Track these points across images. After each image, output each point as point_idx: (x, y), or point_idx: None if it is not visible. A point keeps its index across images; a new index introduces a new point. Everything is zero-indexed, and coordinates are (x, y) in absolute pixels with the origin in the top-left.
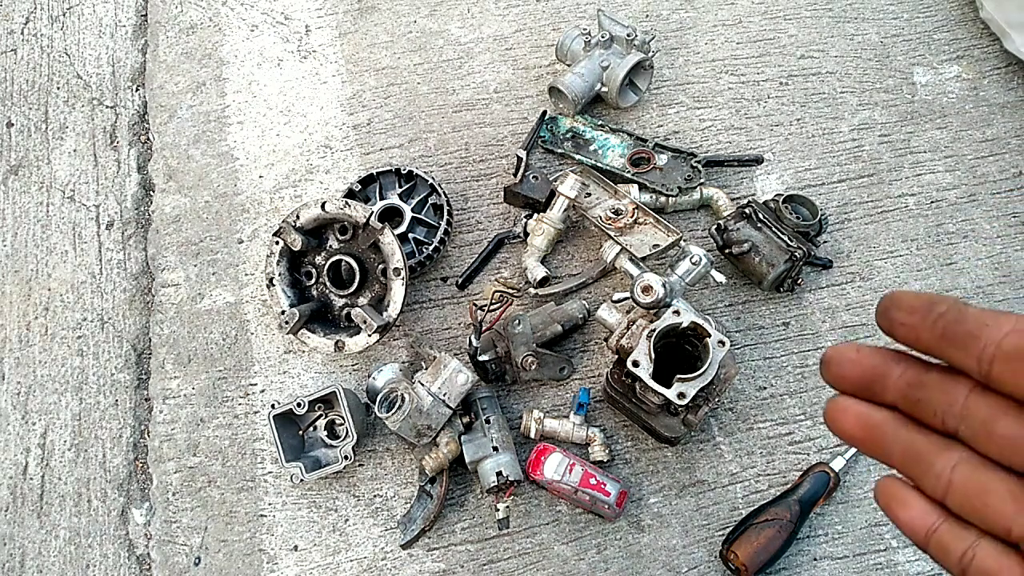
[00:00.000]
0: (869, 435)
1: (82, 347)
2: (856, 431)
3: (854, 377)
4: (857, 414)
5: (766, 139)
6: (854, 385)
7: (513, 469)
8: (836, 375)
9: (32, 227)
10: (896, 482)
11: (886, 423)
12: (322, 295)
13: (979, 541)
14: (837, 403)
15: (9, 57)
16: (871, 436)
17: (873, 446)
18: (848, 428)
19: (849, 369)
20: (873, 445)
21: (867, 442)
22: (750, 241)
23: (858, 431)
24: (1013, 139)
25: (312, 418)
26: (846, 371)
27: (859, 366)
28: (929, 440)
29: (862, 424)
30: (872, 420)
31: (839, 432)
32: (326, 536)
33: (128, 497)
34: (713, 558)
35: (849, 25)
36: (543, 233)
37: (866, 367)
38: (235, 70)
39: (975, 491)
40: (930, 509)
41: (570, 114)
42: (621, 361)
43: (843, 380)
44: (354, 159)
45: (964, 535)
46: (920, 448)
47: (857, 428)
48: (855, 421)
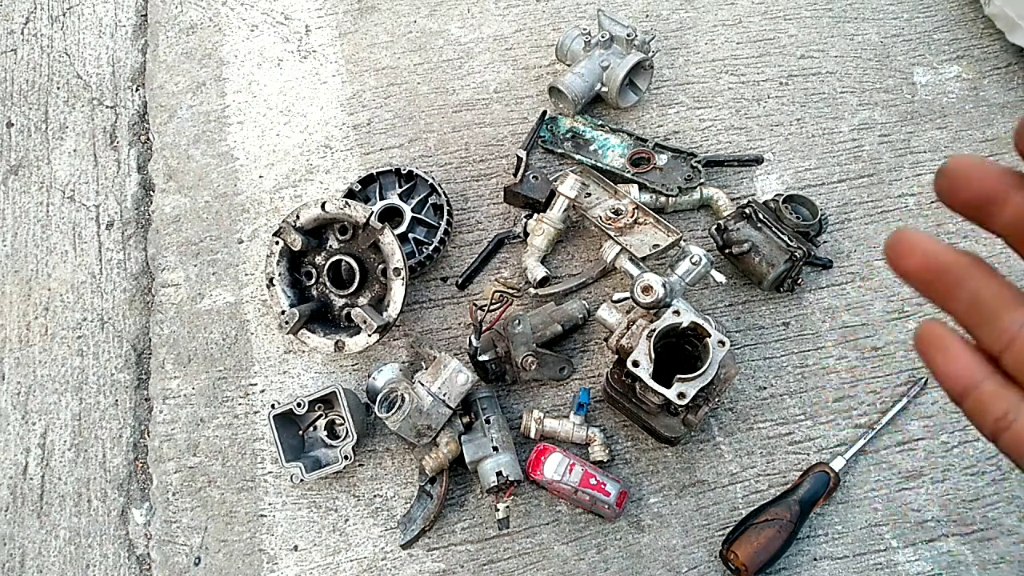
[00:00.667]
0: (937, 276)
1: (82, 347)
2: (921, 269)
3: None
4: (925, 251)
5: (766, 139)
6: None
7: (513, 469)
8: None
9: (32, 227)
10: (942, 327)
11: (958, 265)
12: (322, 295)
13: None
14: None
15: (9, 57)
16: (937, 278)
17: (938, 289)
18: (912, 266)
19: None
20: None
21: (932, 284)
22: (750, 241)
23: (924, 270)
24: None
25: (312, 418)
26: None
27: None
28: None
29: (928, 264)
30: (943, 259)
31: (900, 269)
32: (326, 536)
33: (128, 497)
34: (713, 558)
35: (849, 25)
36: (543, 233)
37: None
38: (235, 70)
39: None
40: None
41: (570, 114)
42: (621, 361)
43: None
44: (354, 159)
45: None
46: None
47: (922, 268)
48: (921, 260)
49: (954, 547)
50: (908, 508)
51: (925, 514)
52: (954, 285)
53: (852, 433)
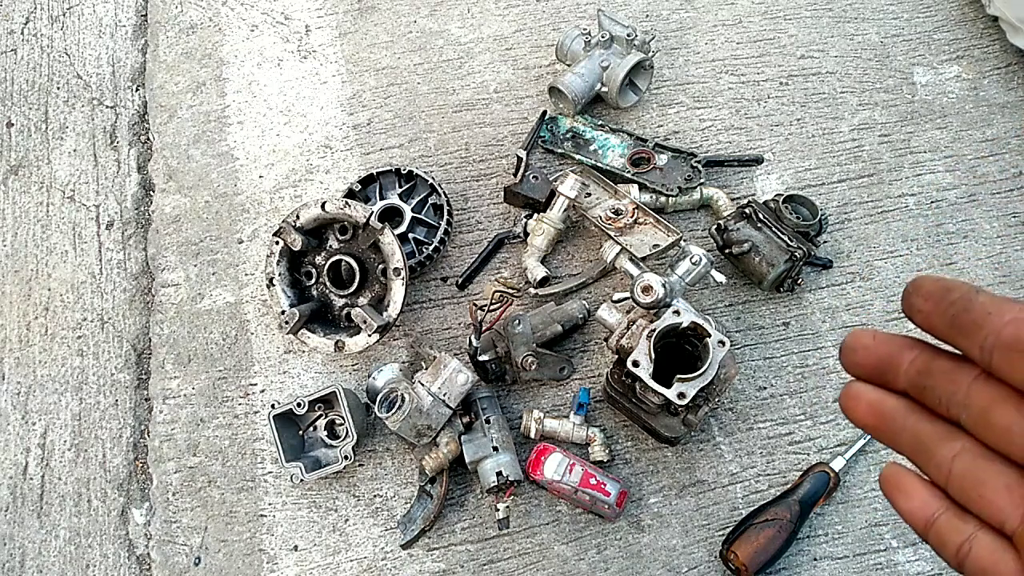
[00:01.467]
0: (880, 422)
1: (82, 347)
2: (868, 418)
3: (868, 364)
4: (869, 401)
5: (766, 139)
6: (868, 371)
7: (513, 469)
8: (851, 361)
9: (32, 227)
10: (900, 470)
11: (896, 411)
12: (322, 295)
13: (976, 534)
14: (851, 390)
15: (9, 57)
16: (882, 423)
17: (883, 433)
18: (860, 415)
19: (863, 356)
20: (883, 432)
21: (878, 429)
22: (750, 241)
23: (869, 418)
24: (1013, 139)
25: (312, 418)
26: (860, 358)
27: (873, 353)
28: (935, 428)
29: (873, 411)
30: (883, 407)
31: (852, 418)
32: (326, 536)
33: (128, 497)
34: (713, 558)
35: (849, 25)
36: (543, 233)
37: (880, 354)
38: (235, 70)
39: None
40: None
41: (570, 114)
42: (621, 361)
43: (858, 367)
44: (354, 159)
45: (962, 527)
46: (925, 436)
47: (869, 415)
48: (867, 408)
49: None
50: None
51: None
52: (896, 429)
53: (852, 433)
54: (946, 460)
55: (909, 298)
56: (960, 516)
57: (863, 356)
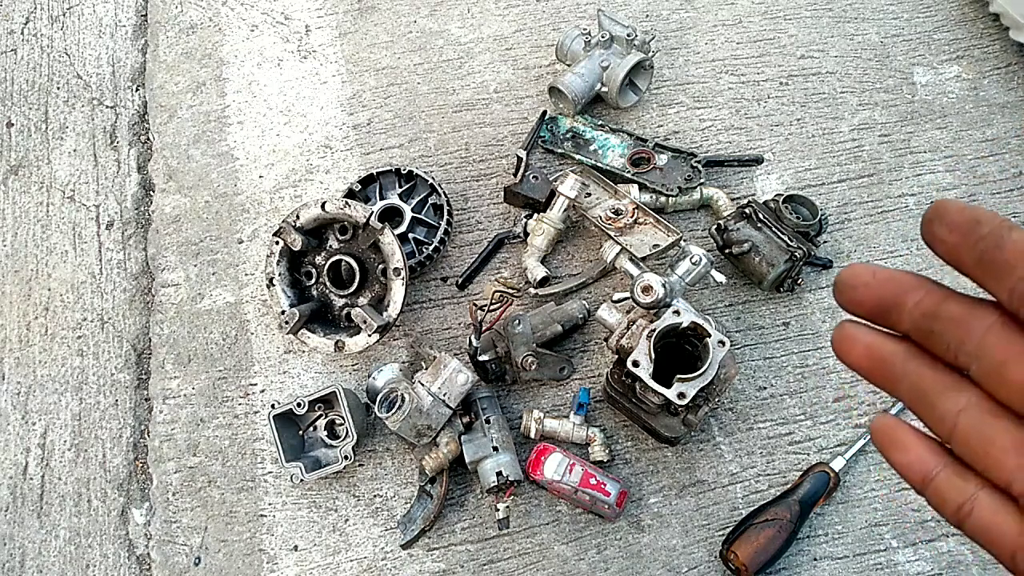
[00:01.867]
0: (877, 367)
1: (82, 347)
2: (863, 361)
3: (868, 302)
4: (866, 344)
5: (766, 139)
6: (867, 311)
7: (513, 469)
8: (849, 299)
9: (32, 227)
10: (893, 421)
11: (895, 355)
12: (322, 295)
13: (978, 493)
14: (845, 330)
15: (9, 57)
16: (879, 368)
17: (881, 378)
18: (855, 358)
19: (863, 293)
20: (881, 377)
21: (875, 373)
22: (750, 241)
23: (865, 362)
24: (1013, 139)
25: (312, 418)
26: (860, 295)
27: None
28: (939, 377)
29: (870, 355)
30: (881, 351)
31: (845, 361)
32: (326, 536)
33: (128, 497)
34: (713, 558)
35: (849, 25)
36: (543, 233)
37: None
38: (235, 70)
39: (979, 439)
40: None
41: (570, 114)
42: (621, 361)
43: (856, 305)
44: (354, 159)
45: (963, 485)
46: (928, 385)
47: (865, 358)
48: (863, 351)
49: (954, 547)
50: (908, 508)
51: (925, 514)
52: (895, 375)
53: (852, 433)
54: (950, 413)
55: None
56: (961, 473)
57: (863, 293)
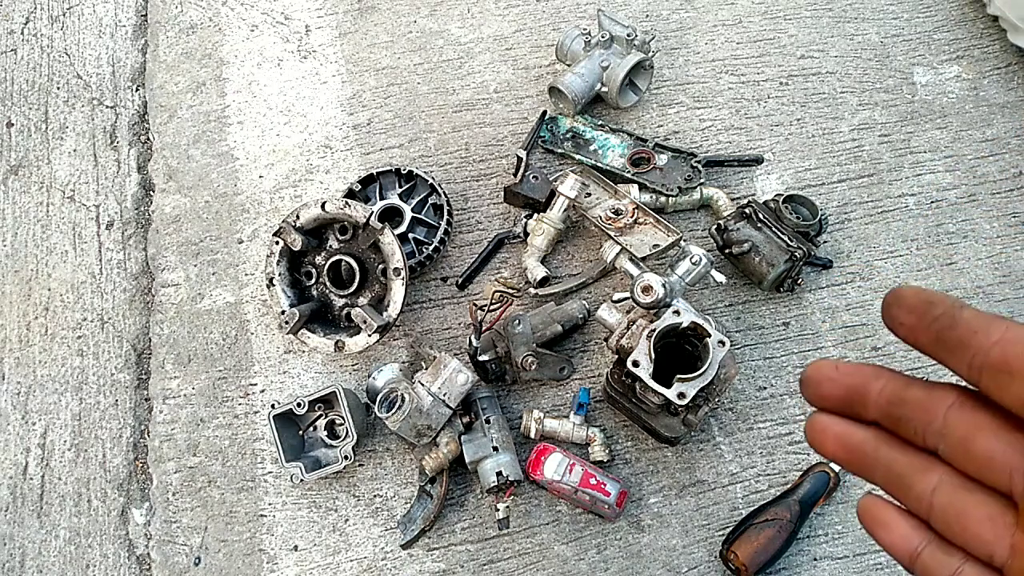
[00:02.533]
0: (850, 455)
1: (82, 347)
2: (837, 451)
3: (834, 396)
4: (837, 434)
5: (766, 139)
6: (834, 404)
7: (513, 469)
8: (816, 394)
9: (32, 227)
10: (878, 502)
11: (866, 443)
12: (322, 295)
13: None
14: (816, 422)
15: (9, 57)
16: (852, 457)
17: (855, 466)
18: (829, 448)
19: (828, 388)
20: (855, 465)
21: (849, 462)
22: (750, 241)
23: (839, 451)
24: (1013, 139)
25: (312, 418)
26: (825, 390)
27: (839, 385)
28: (910, 460)
29: (842, 445)
30: (852, 440)
31: (820, 452)
32: (326, 536)
33: (128, 497)
34: (713, 558)
35: (849, 25)
36: (543, 233)
37: (846, 385)
38: (235, 70)
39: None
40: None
41: (570, 114)
42: (621, 361)
43: (823, 400)
44: (354, 159)
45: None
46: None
47: (838, 448)
48: (835, 441)
49: None
50: None
51: None
52: (868, 462)
53: None
54: (925, 493)
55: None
56: (945, 548)
57: (828, 388)
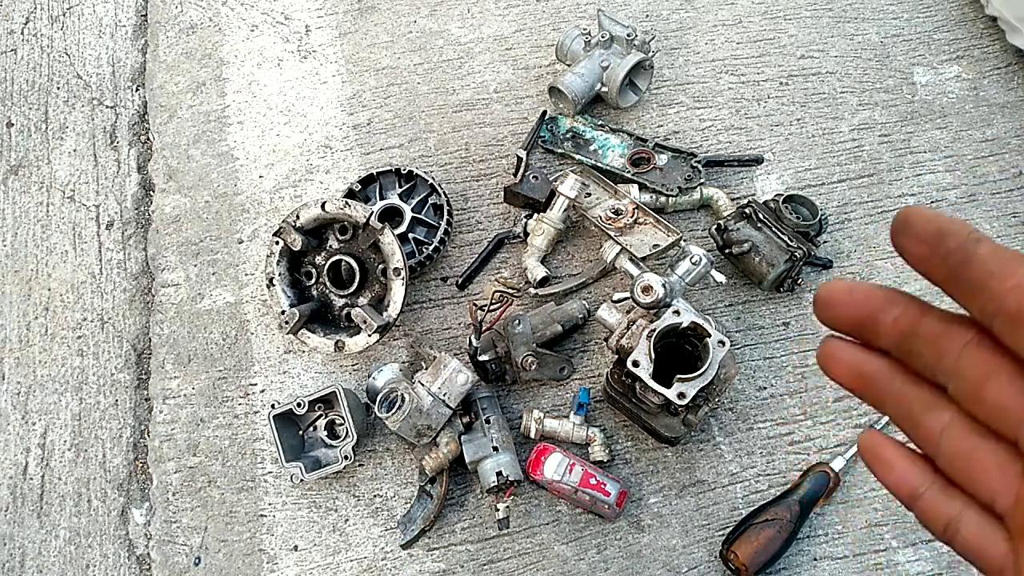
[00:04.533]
0: (861, 384)
1: (82, 347)
2: (847, 379)
3: (846, 319)
4: (848, 362)
5: (766, 139)
6: (846, 327)
7: (513, 469)
8: (828, 316)
9: (32, 227)
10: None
11: (879, 372)
12: (322, 295)
13: (964, 511)
14: (829, 347)
15: (9, 57)
16: (863, 385)
17: (866, 395)
18: (840, 375)
19: (840, 311)
20: (866, 394)
21: (860, 390)
22: (750, 241)
23: (849, 379)
24: (1013, 139)
25: (312, 418)
26: (837, 313)
27: (851, 308)
28: (921, 395)
29: (854, 373)
30: (864, 368)
31: (832, 377)
32: (326, 536)
33: (128, 497)
34: (713, 558)
35: (849, 25)
36: (543, 233)
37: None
38: (235, 70)
39: (962, 457)
40: (915, 471)
41: (570, 114)
42: (621, 361)
43: (835, 322)
44: (354, 159)
45: (949, 503)
46: (911, 403)
47: (848, 376)
48: (846, 369)
49: None
50: None
51: None
52: (880, 392)
53: (852, 433)
54: (934, 431)
55: (899, 236)
56: (947, 491)
57: (840, 311)
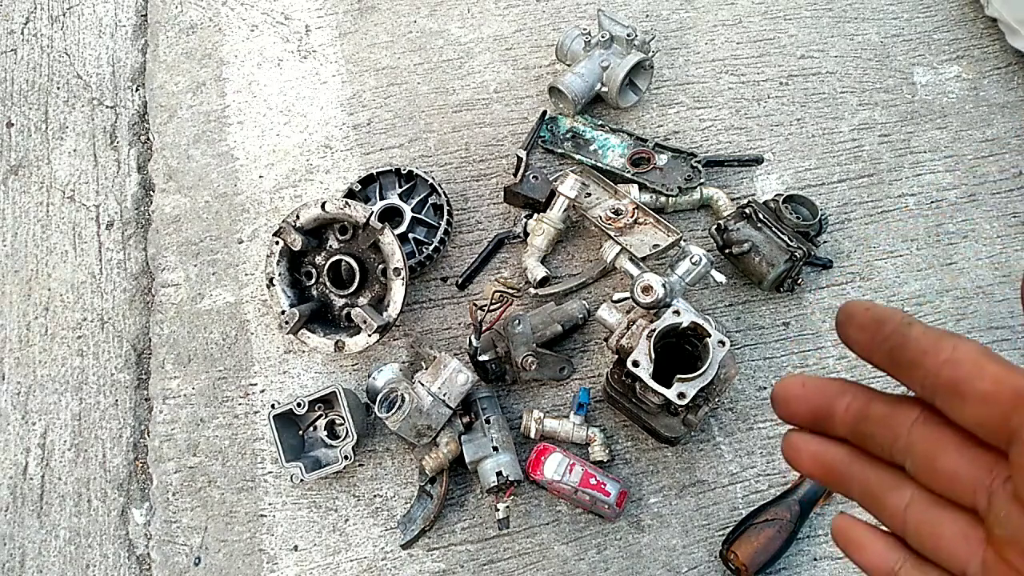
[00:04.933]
0: (825, 471)
1: (82, 347)
2: (812, 468)
3: (803, 413)
4: (811, 452)
5: (766, 139)
6: (804, 421)
7: (513, 469)
8: (786, 412)
9: (32, 227)
10: (851, 522)
11: (839, 460)
12: (322, 295)
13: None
14: (792, 439)
15: (9, 57)
16: (827, 472)
17: (831, 481)
18: (804, 466)
19: (796, 406)
20: (831, 480)
21: (825, 478)
22: (750, 241)
23: (814, 468)
24: (1013, 139)
25: (312, 418)
26: (794, 408)
27: (806, 402)
28: (881, 476)
29: (816, 462)
30: (825, 457)
31: (797, 469)
32: (326, 536)
33: (128, 497)
34: (713, 558)
35: (849, 25)
36: (543, 233)
37: (812, 402)
38: (235, 70)
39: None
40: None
41: (570, 114)
42: (621, 361)
43: (792, 417)
44: (354, 159)
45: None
46: (874, 485)
47: (812, 465)
48: (810, 460)
49: None
50: None
51: None
52: (843, 478)
53: None
54: (899, 509)
55: (843, 328)
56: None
57: (796, 406)
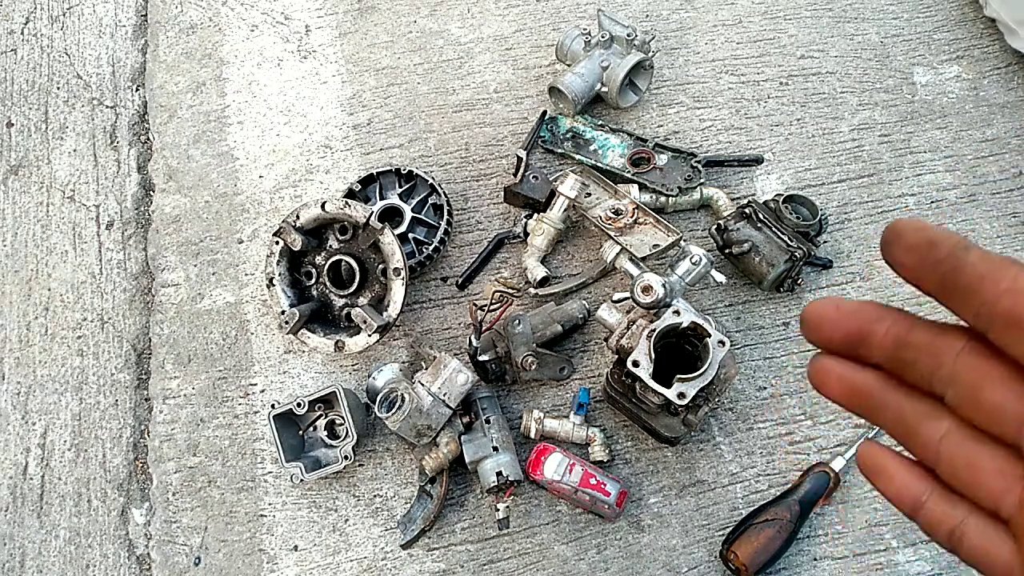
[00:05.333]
0: (855, 399)
1: (82, 347)
2: (841, 394)
3: (836, 338)
4: (840, 377)
5: (766, 139)
6: (837, 346)
7: (513, 469)
8: (816, 336)
9: (32, 227)
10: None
11: (871, 386)
12: (322, 295)
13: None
14: (819, 364)
15: (9, 57)
16: (857, 400)
17: (860, 410)
18: (833, 391)
19: (829, 329)
20: (860, 409)
21: (853, 405)
22: (750, 241)
23: (843, 394)
24: (1013, 139)
25: (312, 418)
26: (827, 332)
27: (841, 324)
28: (916, 406)
29: (846, 388)
30: (856, 383)
31: (824, 394)
32: (326, 536)
33: (128, 497)
34: (713, 558)
35: (849, 25)
36: (543, 233)
37: (848, 327)
38: (235, 70)
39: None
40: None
41: (570, 114)
42: (621, 361)
43: (824, 341)
44: (354, 159)
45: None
46: (907, 415)
47: (842, 391)
48: (838, 384)
49: None
50: None
51: None
52: (874, 405)
53: (852, 433)
54: (932, 440)
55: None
56: (949, 498)
57: (829, 329)
